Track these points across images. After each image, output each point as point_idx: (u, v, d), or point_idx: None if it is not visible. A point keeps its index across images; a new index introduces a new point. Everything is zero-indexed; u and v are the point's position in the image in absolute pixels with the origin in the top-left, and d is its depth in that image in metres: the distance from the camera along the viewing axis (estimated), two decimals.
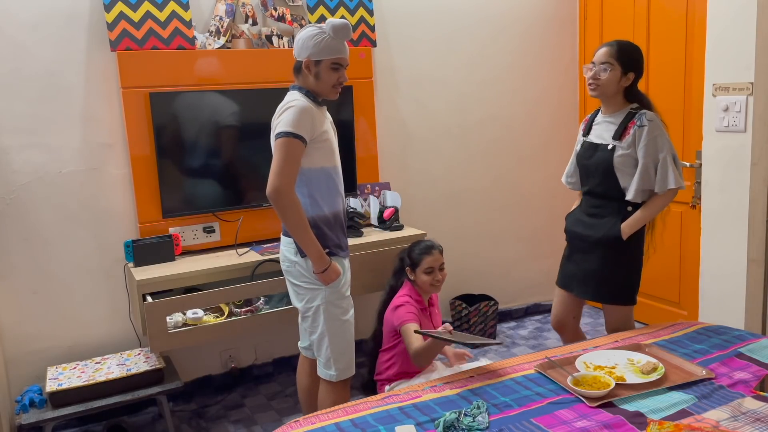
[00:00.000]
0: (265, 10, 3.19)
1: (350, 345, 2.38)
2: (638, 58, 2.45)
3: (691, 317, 3.49)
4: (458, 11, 3.71)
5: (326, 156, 2.28)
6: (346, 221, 2.45)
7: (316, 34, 2.20)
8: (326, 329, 2.31)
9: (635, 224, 2.44)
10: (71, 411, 2.57)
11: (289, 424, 1.82)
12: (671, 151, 2.40)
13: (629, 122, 2.42)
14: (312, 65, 2.23)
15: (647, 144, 2.36)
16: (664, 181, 2.38)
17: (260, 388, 3.30)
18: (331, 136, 2.33)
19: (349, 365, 2.38)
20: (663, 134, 2.39)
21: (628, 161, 2.42)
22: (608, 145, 2.45)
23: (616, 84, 2.43)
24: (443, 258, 2.76)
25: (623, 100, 2.48)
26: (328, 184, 2.31)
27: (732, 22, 2.70)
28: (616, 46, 2.42)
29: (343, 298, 2.35)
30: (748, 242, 2.75)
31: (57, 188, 2.89)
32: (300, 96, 2.27)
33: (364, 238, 3.21)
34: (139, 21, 2.88)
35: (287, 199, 2.16)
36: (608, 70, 2.41)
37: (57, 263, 2.92)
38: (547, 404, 1.84)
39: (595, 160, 2.49)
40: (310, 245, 2.22)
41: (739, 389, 1.87)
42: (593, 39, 3.96)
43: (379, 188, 3.51)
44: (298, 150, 2.17)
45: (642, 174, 2.39)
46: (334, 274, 2.27)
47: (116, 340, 3.06)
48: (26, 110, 2.79)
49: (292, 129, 2.16)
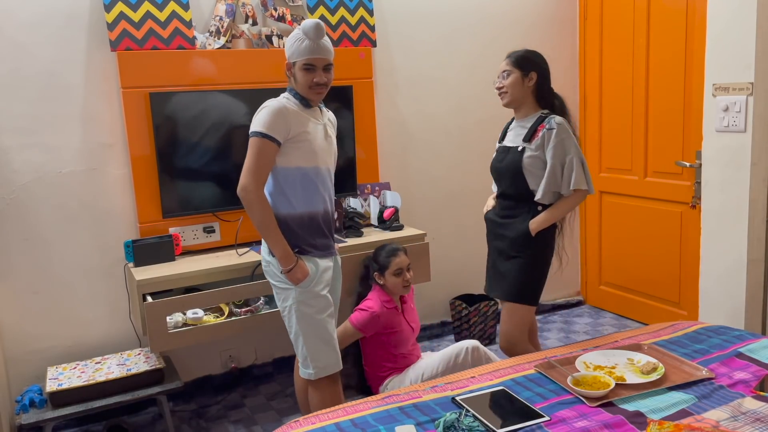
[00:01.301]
0: (265, 10, 3.19)
1: (328, 343, 2.35)
2: (535, 59, 2.52)
3: (691, 317, 3.49)
4: (458, 11, 3.71)
5: (305, 156, 2.28)
6: (332, 223, 2.44)
7: (293, 37, 2.25)
8: (299, 328, 2.32)
9: (543, 221, 2.48)
10: (71, 411, 2.57)
11: (289, 424, 1.82)
12: (578, 155, 2.45)
13: (539, 125, 2.48)
14: (291, 67, 2.29)
15: (555, 146, 2.42)
16: (570, 183, 2.44)
17: (260, 388, 3.30)
18: (314, 137, 2.31)
19: (328, 363, 2.35)
20: (570, 138, 2.45)
21: (537, 163, 2.46)
22: (518, 147, 2.51)
23: (521, 86, 2.50)
24: (409, 259, 2.84)
25: (534, 104, 2.54)
26: (305, 185, 2.30)
27: (732, 22, 2.70)
28: (514, 55, 2.53)
29: (317, 297, 2.32)
30: (748, 242, 2.76)
31: (57, 188, 2.89)
32: (286, 96, 2.32)
33: (364, 238, 3.21)
34: (139, 21, 2.88)
35: (254, 197, 2.20)
36: (508, 76, 2.51)
37: (57, 263, 2.92)
38: (547, 404, 1.84)
39: (506, 163, 2.55)
40: (276, 244, 2.24)
41: (739, 389, 1.87)
42: (593, 39, 3.96)
43: (379, 188, 3.51)
44: (269, 150, 2.21)
45: (549, 175, 2.44)
46: (301, 273, 2.26)
47: (116, 340, 3.06)
48: (26, 110, 2.79)
49: (263, 129, 2.20)
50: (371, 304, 2.80)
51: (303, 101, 2.32)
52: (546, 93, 2.54)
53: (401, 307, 2.87)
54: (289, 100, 2.30)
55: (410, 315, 2.92)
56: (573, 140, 2.45)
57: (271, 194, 2.31)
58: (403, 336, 2.84)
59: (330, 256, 2.42)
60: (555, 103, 2.55)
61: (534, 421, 1.74)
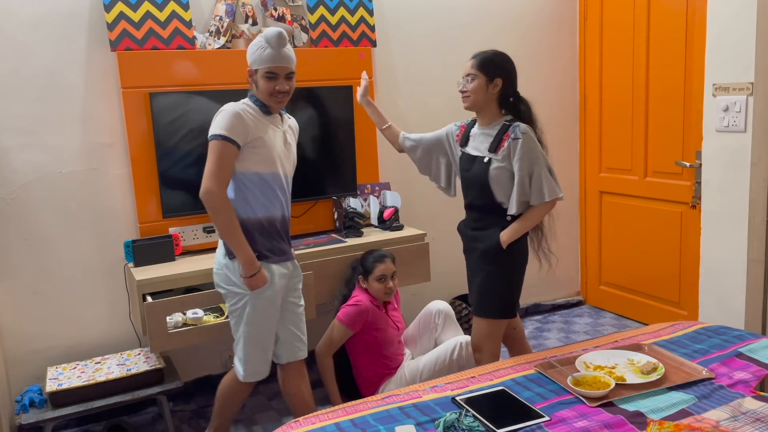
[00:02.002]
0: (265, 10, 3.19)
1: (265, 351, 2.40)
2: (503, 64, 2.42)
3: (691, 317, 3.49)
4: (458, 11, 3.71)
5: (263, 162, 2.29)
6: (289, 229, 2.45)
7: (255, 44, 2.26)
8: (244, 332, 2.35)
9: (514, 233, 2.41)
10: (71, 411, 2.57)
11: (289, 424, 1.82)
12: (545, 163, 2.39)
13: (504, 135, 2.40)
14: (253, 74, 2.30)
15: (522, 157, 2.35)
16: (540, 193, 2.37)
17: (260, 388, 3.30)
18: (273, 143, 2.31)
19: (258, 371, 2.41)
20: (536, 146, 2.38)
21: (504, 174, 2.40)
22: (484, 157, 2.44)
23: (484, 93, 2.41)
24: (395, 267, 2.88)
25: (497, 110, 2.46)
26: (263, 190, 2.31)
27: (732, 22, 2.70)
28: (480, 56, 2.43)
29: (268, 304, 2.34)
30: (748, 242, 2.76)
31: (57, 188, 2.89)
32: (245, 102, 2.32)
33: (364, 238, 3.21)
34: (139, 21, 2.88)
35: (219, 201, 2.19)
36: (473, 80, 2.42)
37: (57, 263, 2.92)
38: (547, 404, 1.84)
39: (473, 173, 2.48)
40: (240, 248, 2.24)
41: (739, 389, 1.87)
42: (593, 39, 3.96)
43: (379, 188, 3.51)
44: (229, 152, 2.21)
45: (519, 187, 2.37)
46: (261, 281, 2.28)
47: (116, 340, 3.06)
48: (26, 110, 2.79)
49: (223, 132, 2.20)
50: (360, 299, 2.85)
51: (263, 108, 2.32)
52: (511, 99, 2.46)
53: (385, 307, 2.93)
54: (248, 105, 2.30)
55: (394, 315, 2.97)
56: (539, 149, 2.39)
57: (231, 198, 2.31)
58: (388, 335, 2.87)
59: (286, 261, 2.42)
60: (521, 109, 2.46)
61: (534, 421, 1.74)
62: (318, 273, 2.98)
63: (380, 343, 2.86)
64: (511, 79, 2.45)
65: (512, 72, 2.45)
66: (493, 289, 2.48)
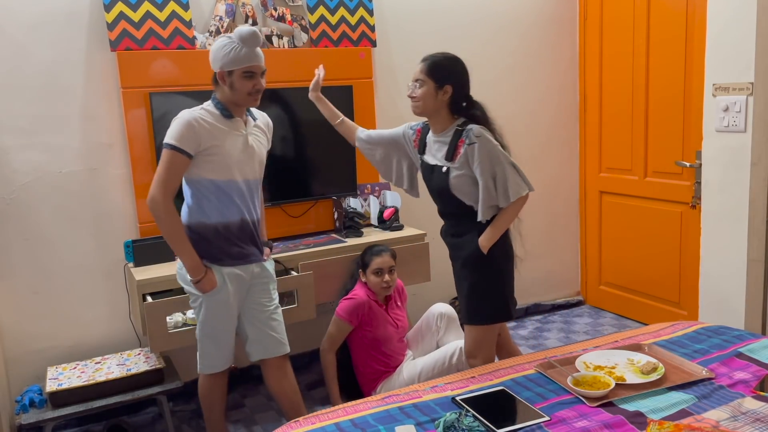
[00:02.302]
0: (265, 10, 3.19)
1: (219, 347, 2.45)
2: (453, 69, 2.35)
3: (691, 317, 3.49)
4: (458, 11, 3.71)
5: (217, 170, 2.28)
6: (254, 231, 2.43)
7: (226, 45, 2.22)
8: (199, 329, 2.43)
9: (491, 237, 2.33)
10: (71, 411, 2.57)
11: (289, 424, 1.82)
12: (507, 161, 2.29)
13: (458, 141, 2.31)
14: (226, 76, 2.25)
15: (481, 161, 2.26)
16: (506, 195, 2.29)
17: (260, 388, 3.30)
18: (229, 151, 2.29)
19: (214, 364, 2.47)
20: (494, 147, 2.28)
21: (465, 180, 2.32)
22: (443, 167, 2.36)
23: (434, 99, 2.33)
24: (394, 261, 2.87)
25: (448, 116, 2.37)
26: (219, 196, 2.31)
27: (732, 22, 2.70)
28: (429, 61, 2.36)
29: (220, 305, 2.37)
30: (748, 242, 2.75)
31: (57, 188, 2.89)
32: (205, 107, 2.30)
33: (364, 238, 3.21)
34: (139, 21, 2.88)
35: (162, 209, 2.21)
36: (422, 86, 2.34)
37: (57, 263, 2.92)
38: (547, 404, 1.84)
39: (434, 183, 2.41)
40: (185, 255, 2.27)
41: (739, 389, 1.87)
42: (593, 39, 3.96)
43: (379, 188, 3.51)
44: (179, 162, 2.21)
45: (484, 192, 2.29)
46: (209, 285, 2.30)
47: (116, 340, 3.06)
48: (26, 110, 2.79)
49: (173, 141, 2.20)
50: (357, 293, 2.87)
51: (224, 112, 2.30)
52: (462, 104, 2.37)
53: (386, 304, 2.93)
54: (206, 111, 2.28)
55: (395, 312, 2.96)
56: (497, 148, 2.28)
57: (186, 203, 2.34)
58: (386, 332, 2.87)
59: (247, 264, 2.41)
60: (476, 114, 2.37)
61: (534, 421, 1.74)
62: (318, 273, 2.98)
63: (378, 340, 2.86)
64: (462, 84, 2.36)
65: (463, 77, 2.37)
66: (479, 296, 2.41)
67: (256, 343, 2.50)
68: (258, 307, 2.48)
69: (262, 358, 2.51)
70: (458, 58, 2.40)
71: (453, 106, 2.37)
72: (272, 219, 3.28)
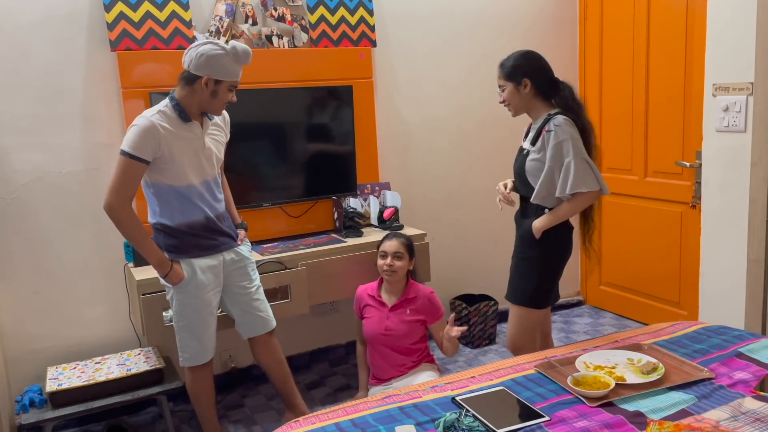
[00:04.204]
0: (265, 10, 3.19)
1: (197, 338, 2.48)
2: (524, 64, 2.43)
3: (691, 317, 3.49)
4: (458, 11, 3.71)
5: (175, 176, 2.34)
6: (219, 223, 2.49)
7: (221, 55, 2.27)
8: (175, 321, 2.48)
9: (546, 223, 2.41)
10: (71, 411, 2.57)
11: (289, 424, 1.82)
12: (579, 155, 2.32)
13: (543, 127, 2.40)
14: (212, 83, 2.31)
15: (553, 148, 2.34)
16: (565, 186, 2.33)
17: (260, 388, 3.30)
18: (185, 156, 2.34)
19: (194, 355, 2.50)
20: (569, 139, 2.32)
21: (538, 166, 2.41)
22: (525, 150, 2.49)
23: (518, 97, 2.45)
24: (405, 250, 2.86)
25: (542, 105, 2.45)
26: (180, 200, 2.38)
27: (732, 22, 2.70)
28: (502, 65, 2.47)
29: (192, 297, 2.43)
30: (748, 242, 2.76)
31: (57, 188, 2.89)
32: (163, 107, 2.33)
33: (364, 238, 3.21)
34: (139, 21, 2.88)
35: (120, 214, 2.26)
36: (504, 90, 2.47)
37: (57, 263, 2.92)
38: (547, 404, 1.84)
39: (517, 165, 2.54)
40: (149, 254, 2.34)
41: (739, 389, 1.87)
42: (593, 39, 3.96)
43: (379, 188, 3.51)
44: (135, 169, 2.26)
45: (545, 177, 2.37)
46: (176, 278, 2.37)
47: (116, 340, 3.06)
48: (26, 110, 2.79)
49: (130, 150, 2.25)
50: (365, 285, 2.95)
51: (183, 115, 2.34)
52: (550, 89, 2.44)
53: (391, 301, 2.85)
54: (163, 114, 2.32)
55: (398, 316, 2.82)
56: (572, 141, 2.32)
57: (149, 204, 2.42)
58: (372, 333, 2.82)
59: (217, 253, 2.49)
60: (562, 94, 2.44)
61: (534, 421, 1.74)
62: (318, 273, 2.99)
63: (367, 337, 2.86)
64: (538, 73, 2.43)
65: (537, 66, 2.44)
66: (520, 276, 2.52)
67: (243, 324, 2.65)
68: (239, 290, 2.58)
69: (251, 336, 2.65)
70: (527, 51, 2.48)
71: (540, 94, 2.45)
72: (272, 219, 3.29)
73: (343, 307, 3.56)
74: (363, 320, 2.89)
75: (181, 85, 2.34)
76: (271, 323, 2.67)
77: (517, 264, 2.54)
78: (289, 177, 3.24)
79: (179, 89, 2.35)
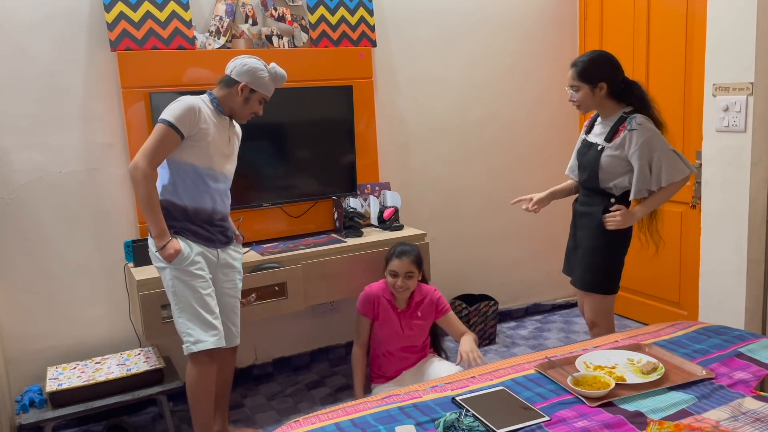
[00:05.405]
0: (265, 10, 3.19)
1: (201, 319, 2.40)
2: (601, 68, 2.49)
3: (691, 317, 3.49)
4: (458, 11, 3.71)
5: (200, 156, 2.41)
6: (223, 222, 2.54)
7: (263, 70, 2.47)
8: (174, 304, 2.42)
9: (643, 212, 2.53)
10: (71, 411, 2.57)
11: (289, 424, 1.82)
12: (665, 147, 2.45)
13: (620, 126, 2.49)
14: (247, 91, 2.47)
15: (640, 147, 2.43)
16: (659, 179, 2.46)
17: (260, 388, 3.30)
18: (216, 140, 2.44)
19: (200, 339, 2.39)
20: (654, 135, 2.44)
21: (615, 162, 2.50)
22: (599, 146, 2.55)
23: (592, 99, 2.52)
24: (415, 268, 2.81)
25: (614, 104, 2.54)
26: (195, 181, 2.42)
27: (732, 23, 2.70)
28: (578, 66, 2.51)
29: (191, 275, 2.40)
30: (748, 242, 2.76)
31: (57, 188, 2.89)
32: (203, 98, 2.46)
33: (364, 238, 3.21)
34: (139, 21, 2.88)
35: (142, 176, 2.31)
36: (578, 91, 2.53)
37: (57, 263, 2.92)
38: (547, 404, 1.84)
39: (588, 158, 2.60)
40: (155, 221, 2.35)
41: (739, 389, 1.87)
42: (593, 39, 3.96)
43: (379, 188, 3.51)
44: (170, 139, 2.34)
45: (639, 175, 2.47)
46: (173, 249, 2.35)
47: (116, 340, 3.06)
48: (26, 110, 2.79)
49: (172, 119, 2.33)
50: (372, 285, 2.88)
51: (219, 108, 2.48)
52: (624, 90, 2.52)
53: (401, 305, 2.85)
54: (205, 102, 2.45)
55: (409, 320, 2.84)
56: (657, 136, 2.44)
57: (161, 182, 2.43)
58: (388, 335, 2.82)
59: (211, 248, 2.49)
60: (636, 94, 2.51)
61: (534, 421, 1.74)
62: (318, 273, 2.99)
63: (379, 339, 2.85)
64: (614, 76, 2.50)
65: (613, 69, 2.50)
66: (593, 264, 2.60)
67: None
68: (221, 293, 2.56)
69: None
70: (603, 52, 2.55)
71: (613, 95, 2.52)
72: (272, 219, 3.29)
73: (343, 307, 3.56)
74: (375, 323, 2.85)
75: (221, 86, 2.49)
76: (238, 340, 2.65)
77: (585, 253, 2.62)
78: (289, 177, 3.25)
79: (217, 89, 2.49)
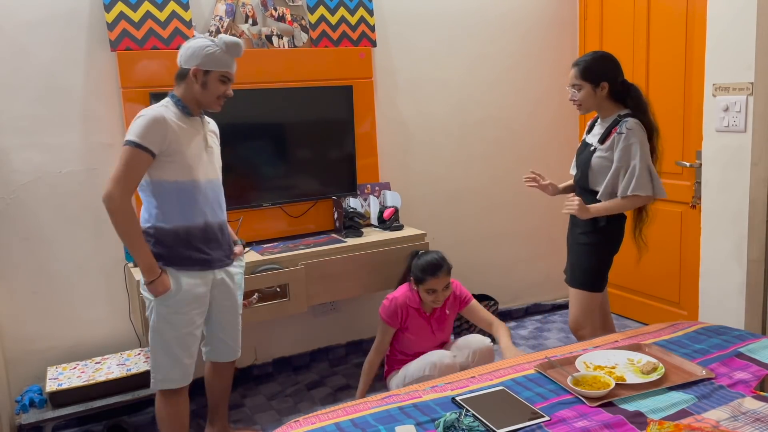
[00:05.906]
0: (265, 10, 3.19)
1: (173, 358, 2.30)
2: (604, 68, 2.52)
3: (691, 317, 3.49)
4: (459, 12, 3.71)
5: (181, 170, 2.24)
6: (219, 234, 2.39)
7: (209, 46, 2.23)
8: (151, 338, 2.31)
9: (596, 210, 2.51)
10: (71, 411, 2.57)
11: (289, 424, 1.82)
12: (644, 160, 2.46)
13: (613, 128, 2.52)
14: (200, 74, 2.25)
15: (622, 149, 2.46)
16: (627, 187, 2.47)
17: (260, 388, 3.30)
18: (191, 150, 2.26)
19: (167, 378, 2.31)
20: (637, 143, 2.45)
21: (604, 163, 2.53)
22: (592, 147, 2.59)
23: (593, 98, 2.55)
24: (449, 277, 2.78)
25: (612, 105, 2.57)
26: (181, 198, 2.25)
27: (732, 22, 2.70)
28: (581, 65, 2.54)
29: (174, 313, 2.26)
30: (748, 242, 2.75)
31: (57, 188, 2.89)
32: (166, 104, 2.28)
33: (364, 238, 3.21)
34: (139, 21, 2.88)
35: (118, 207, 2.13)
36: (579, 90, 2.56)
37: (57, 263, 2.92)
38: (547, 404, 1.84)
39: (582, 158, 2.65)
40: (140, 255, 2.18)
41: (739, 389, 1.87)
42: (593, 40, 3.96)
43: (379, 188, 3.51)
44: (140, 161, 2.15)
45: (611, 175, 2.50)
46: (162, 287, 2.22)
47: (116, 340, 3.06)
48: (26, 110, 2.79)
49: (137, 139, 2.14)
50: (396, 294, 2.80)
51: (185, 110, 2.29)
52: (623, 91, 2.55)
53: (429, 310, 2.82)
54: (168, 108, 2.26)
55: (439, 322, 2.84)
56: (641, 146, 2.44)
57: (144, 207, 2.29)
58: (421, 338, 2.81)
59: (206, 270, 2.35)
60: (633, 95, 2.54)
61: (534, 421, 1.74)
62: (317, 273, 2.99)
63: (411, 342, 2.81)
64: (615, 77, 2.54)
65: (615, 71, 2.54)
66: (578, 261, 2.64)
67: (210, 345, 2.55)
68: (219, 310, 2.46)
69: (214, 361, 2.58)
70: (605, 53, 2.59)
71: (613, 96, 2.56)
72: (272, 219, 3.29)
73: (343, 307, 3.56)
74: (406, 333, 2.79)
75: (177, 83, 2.31)
76: (237, 353, 2.57)
77: (573, 251, 2.67)
78: (289, 177, 3.25)
79: (176, 88, 2.32)
